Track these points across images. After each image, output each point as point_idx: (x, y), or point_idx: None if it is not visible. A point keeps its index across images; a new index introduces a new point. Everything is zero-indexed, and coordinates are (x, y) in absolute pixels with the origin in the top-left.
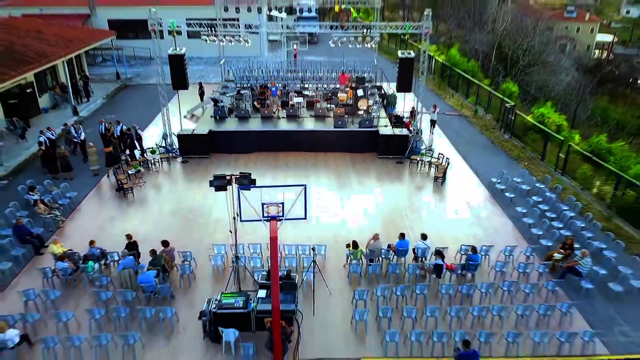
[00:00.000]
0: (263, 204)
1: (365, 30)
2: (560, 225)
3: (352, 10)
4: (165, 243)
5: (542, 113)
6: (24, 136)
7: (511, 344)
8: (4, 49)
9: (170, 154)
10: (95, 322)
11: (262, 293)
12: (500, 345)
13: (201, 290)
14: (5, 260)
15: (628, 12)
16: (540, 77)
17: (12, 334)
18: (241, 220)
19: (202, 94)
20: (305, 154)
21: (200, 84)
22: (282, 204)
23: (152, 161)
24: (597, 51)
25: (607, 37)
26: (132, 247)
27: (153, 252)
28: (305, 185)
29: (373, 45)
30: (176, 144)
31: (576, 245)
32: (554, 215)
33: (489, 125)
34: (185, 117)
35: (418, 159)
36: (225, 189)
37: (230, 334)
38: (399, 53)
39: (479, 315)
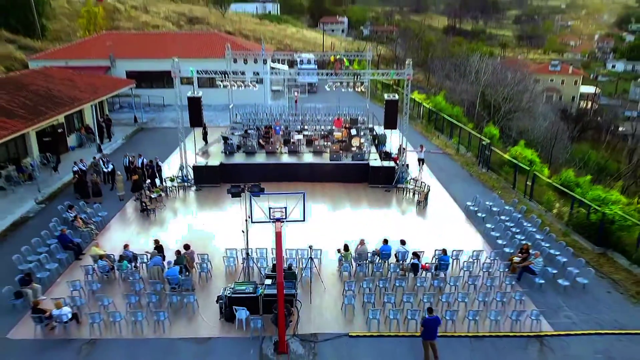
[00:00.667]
0: (270, 208)
1: (355, 77)
2: (522, 237)
3: (345, 60)
4: (186, 246)
5: (517, 150)
6: (56, 169)
7: (472, 321)
8: (44, 93)
9: (186, 183)
10: (131, 306)
11: (268, 281)
12: (463, 323)
13: (216, 285)
14: (52, 261)
15: (614, 66)
16: (521, 122)
17: (66, 311)
18: (252, 222)
19: (205, 134)
20: (305, 184)
21: (204, 125)
22: (285, 208)
23: (170, 188)
24: (582, 102)
25: (591, 89)
26: (158, 250)
27: (178, 252)
28: (304, 193)
29: (363, 89)
30: (191, 175)
31: (531, 251)
32: (517, 230)
33: (469, 162)
34: (197, 154)
35: (404, 187)
36: (240, 196)
37: (242, 313)
38: (385, 96)
39: (447, 301)
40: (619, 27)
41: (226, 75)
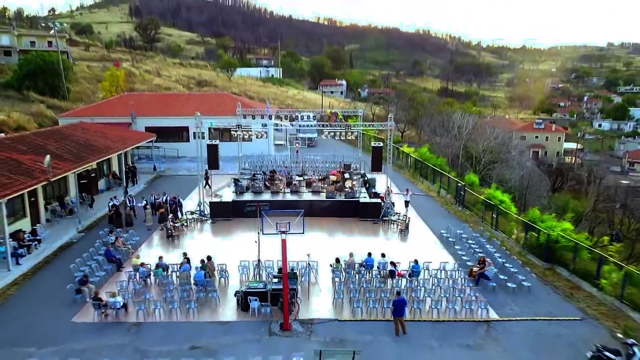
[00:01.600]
0: (277, 223)
1: (347, 127)
2: (482, 253)
3: (338, 113)
4: (209, 257)
5: (489, 192)
6: (92, 206)
7: (434, 309)
8: (83, 142)
9: (203, 217)
10: (166, 299)
11: (275, 280)
12: (428, 312)
13: (232, 287)
14: (100, 270)
15: (600, 125)
16: (500, 172)
17: (119, 300)
18: (263, 234)
19: (207, 178)
20: (306, 223)
21: (206, 171)
22: (289, 223)
23: (190, 221)
24: (566, 157)
25: (573, 145)
26: (187, 260)
27: (202, 261)
28: (303, 211)
29: (353, 138)
30: (208, 210)
31: (487, 261)
32: (480, 250)
33: (448, 201)
34: (210, 195)
35: (389, 219)
36: (255, 211)
37: (255, 303)
38: (372, 143)
39: (416, 296)
40: (608, 89)
41: (240, 127)
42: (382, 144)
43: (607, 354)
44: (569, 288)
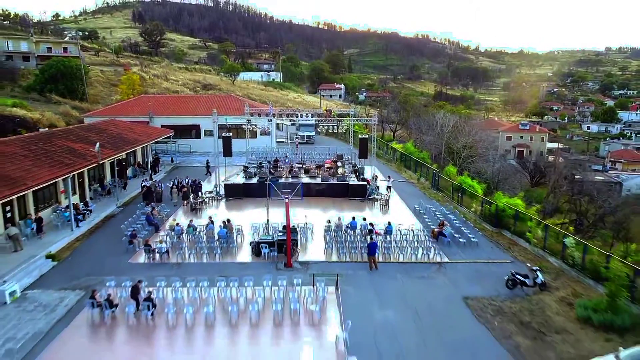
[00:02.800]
0: (282, 192)
1: (338, 121)
2: (443, 219)
3: (332, 110)
4: (228, 220)
5: (461, 178)
6: (125, 188)
7: (400, 255)
8: (116, 135)
9: (218, 196)
10: (198, 248)
11: (280, 233)
12: (395, 254)
13: (246, 242)
14: (143, 230)
15: (588, 127)
16: (478, 165)
17: (164, 246)
18: (272, 199)
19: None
20: (305, 201)
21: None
22: (292, 191)
23: (208, 199)
24: (549, 156)
25: (555, 145)
26: (212, 222)
27: (224, 222)
28: (302, 182)
29: (343, 131)
30: (223, 191)
31: (445, 224)
32: (442, 218)
33: (426, 187)
34: (222, 181)
35: (373, 198)
36: (264, 195)
37: (265, 249)
38: (360, 135)
39: (388, 246)
40: (603, 94)
41: (249, 122)
42: (367, 136)
43: (518, 276)
44: (508, 244)
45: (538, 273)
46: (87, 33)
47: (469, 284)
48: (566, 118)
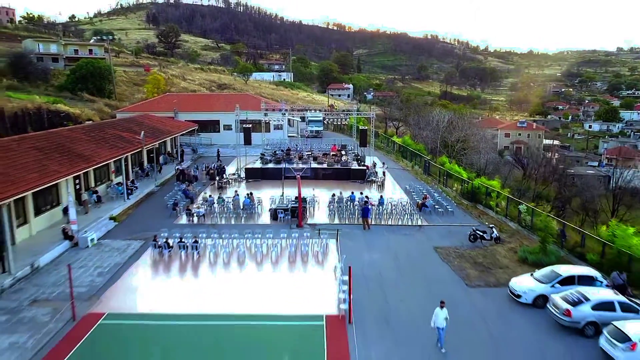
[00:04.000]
0: (294, 169)
1: (341, 115)
2: (426, 194)
3: (335, 105)
4: (251, 193)
5: (450, 166)
6: (160, 171)
7: (390, 219)
8: (152, 127)
9: (240, 178)
10: (227, 213)
11: (293, 202)
12: (385, 219)
13: (266, 209)
14: (182, 201)
15: (590, 126)
16: (469, 157)
17: (202, 210)
18: (285, 176)
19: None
20: (312, 180)
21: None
22: (302, 169)
23: (231, 180)
24: (546, 152)
25: (550, 142)
26: (237, 194)
27: (247, 194)
28: (310, 165)
29: (345, 122)
30: (243, 174)
31: (428, 197)
32: (426, 193)
33: (418, 172)
34: (242, 167)
35: (371, 180)
36: (279, 177)
37: (282, 214)
38: (359, 127)
39: (380, 214)
40: (610, 94)
41: (266, 115)
42: (366, 128)
43: (478, 232)
44: (479, 213)
45: (494, 229)
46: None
47: (441, 239)
48: (570, 117)
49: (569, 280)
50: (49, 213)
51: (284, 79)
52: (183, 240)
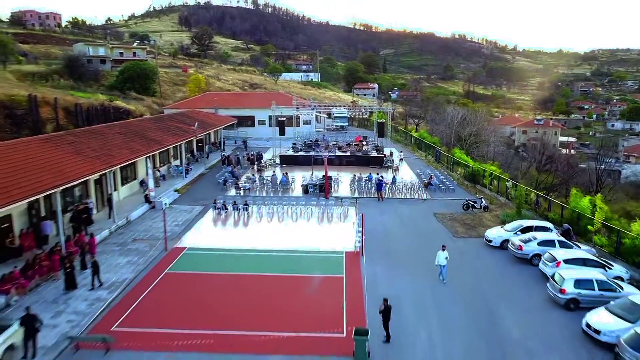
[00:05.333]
0: (322, 154)
1: (362, 109)
2: (432, 175)
3: (357, 100)
4: (286, 173)
5: (459, 155)
6: (208, 157)
7: (400, 194)
8: (201, 120)
9: (275, 163)
10: (267, 188)
11: (321, 179)
12: (396, 194)
13: (299, 186)
14: (230, 180)
15: (613, 125)
16: (481, 149)
17: (248, 185)
18: (315, 155)
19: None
20: (336, 166)
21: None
22: (328, 155)
23: (268, 165)
24: (562, 149)
25: (565, 139)
26: (274, 173)
27: (284, 173)
28: (335, 151)
29: (366, 116)
30: (278, 160)
31: (433, 178)
32: (432, 174)
33: (430, 161)
34: (276, 155)
35: (388, 166)
36: (309, 163)
37: (312, 189)
38: (377, 120)
39: (392, 190)
40: None
41: (298, 109)
42: (384, 121)
43: (470, 201)
44: (475, 191)
45: (483, 200)
46: (154, 41)
47: (440, 208)
48: (593, 116)
49: (528, 229)
50: (130, 184)
51: (312, 79)
52: (236, 203)
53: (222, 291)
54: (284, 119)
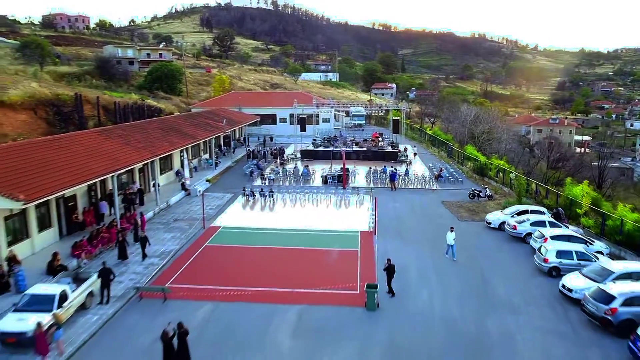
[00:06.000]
0: (340, 149)
1: (378, 107)
2: (443, 168)
3: (374, 99)
4: (307, 165)
5: (470, 150)
6: (234, 151)
7: (412, 185)
8: (228, 117)
9: (296, 157)
10: (290, 179)
11: (339, 171)
12: (408, 185)
13: (319, 177)
14: (256, 171)
15: (632, 125)
16: (493, 146)
17: (272, 175)
18: (333, 150)
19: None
20: (354, 160)
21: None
22: (345, 149)
23: (290, 159)
24: (577, 147)
25: (580, 137)
26: (296, 165)
27: (305, 166)
28: (353, 147)
29: (382, 114)
30: (299, 154)
31: (443, 170)
32: (442, 167)
33: (442, 156)
34: (298, 150)
35: (402, 160)
36: (329, 157)
37: (331, 180)
38: (392, 117)
39: (405, 181)
40: None
41: (318, 107)
42: (399, 118)
43: (476, 191)
44: (483, 182)
45: (487, 189)
46: (180, 43)
47: (448, 197)
48: (612, 116)
49: (524, 213)
50: (167, 174)
51: (330, 79)
52: (263, 190)
53: (254, 260)
54: (305, 116)
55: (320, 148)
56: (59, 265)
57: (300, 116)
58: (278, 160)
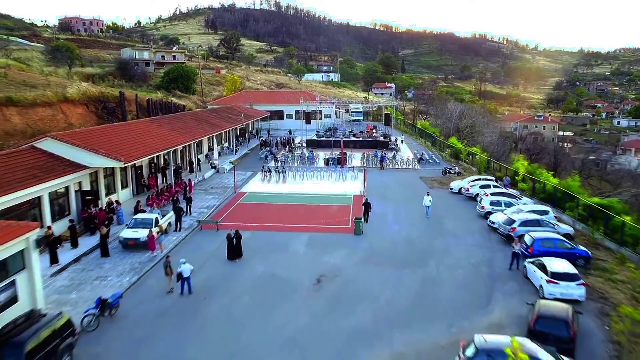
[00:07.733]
0: (340, 138)
1: (373, 103)
2: (424, 153)
3: (370, 97)
4: (312, 150)
5: (452, 141)
6: (249, 142)
7: (397, 166)
8: (245, 112)
9: (303, 146)
10: (297, 162)
11: (338, 155)
12: (394, 166)
13: (321, 159)
14: (270, 156)
15: (618, 122)
16: (477, 139)
17: (283, 159)
18: (334, 139)
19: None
20: (350, 148)
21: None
22: (343, 138)
23: (296, 147)
24: (561, 142)
25: (569, 133)
26: (301, 150)
27: (310, 150)
28: (350, 137)
29: (374, 109)
30: (305, 143)
31: (425, 155)
32: (424, 152)
33: (428, 145)
34: (303, 140)
35: (391, 148)
36: (330, 146)
37: (331, 161)
38: (385, 111)
39: (393, 163)
40: None
41: (321, 104)
42: (389, 112)
43: (447, 168)
44: (456, 164)
45: (456, 167)
46: (193, 46)
47: (425, 174)
48: (602, 114)
49: (477, 180)
50: (200, 156)
51: (332, 79)
52: (278, 168)
53: (274, 211)
54: (310, 112)
55: (323, 138)
56: (141, 209)
57: (306, 111)
58: (287, 148)
